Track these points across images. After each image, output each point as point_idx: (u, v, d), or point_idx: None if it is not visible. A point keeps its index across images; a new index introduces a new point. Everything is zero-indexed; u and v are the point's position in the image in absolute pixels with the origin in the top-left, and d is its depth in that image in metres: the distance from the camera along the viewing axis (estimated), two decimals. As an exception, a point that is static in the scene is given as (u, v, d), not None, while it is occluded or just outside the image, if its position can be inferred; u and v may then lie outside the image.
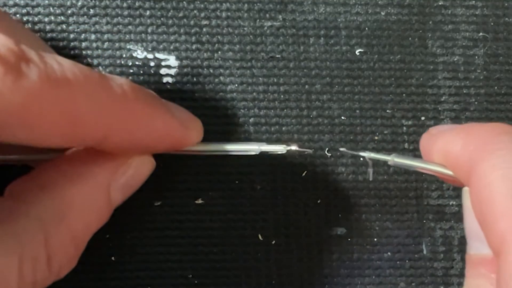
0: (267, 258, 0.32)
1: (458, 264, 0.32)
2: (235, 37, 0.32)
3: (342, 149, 0.31)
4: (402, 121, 0.32)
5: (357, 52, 0.32)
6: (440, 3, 0.33)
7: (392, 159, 0.27)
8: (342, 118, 0.32)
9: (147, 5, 0.31)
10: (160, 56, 0.31)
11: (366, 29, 0.32)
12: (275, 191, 0.32)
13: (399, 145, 0.32)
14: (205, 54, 0.32)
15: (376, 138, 0.32)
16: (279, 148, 0.29)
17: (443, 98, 0.32)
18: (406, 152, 0.32)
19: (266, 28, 0.32)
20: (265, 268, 0.32)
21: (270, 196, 0.32)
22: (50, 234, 0.24)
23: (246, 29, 0.32)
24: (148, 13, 0.31)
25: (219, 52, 0.32)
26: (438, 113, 0.32)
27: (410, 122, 0.32)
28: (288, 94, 0.32)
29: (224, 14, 0.32)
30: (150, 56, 0.31)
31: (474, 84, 0.32)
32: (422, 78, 0.32)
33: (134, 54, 0.31)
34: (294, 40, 0.32)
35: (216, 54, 0.32)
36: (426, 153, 0.28)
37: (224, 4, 0.32)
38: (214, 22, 0.32)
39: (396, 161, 0.27)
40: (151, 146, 0.27)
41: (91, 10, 0.31)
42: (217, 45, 0.32)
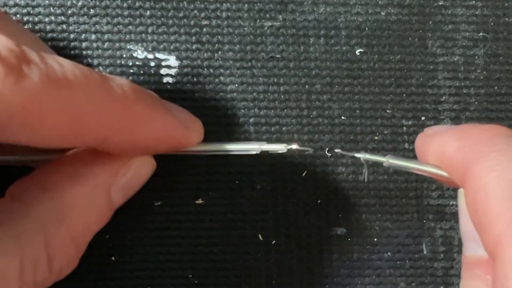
0: (267, 258, 0.32)
1: (458, 264, 0.32)
2: (235, 37, 0.32)
3: (338, 150, 0.31)
4: (402, 121, 0.32)
5: (357, 52, 0.32)
6: (440, 3, 0.33)
7: (387, 160, 0.27)
8: (342, 118, 0.32)
9: (147, 5, 0.31)
10: (160, 56, 0.31)
11: (366, 29, 0.32)
12: (275, 191, 0.32)
13: (399, 145, 0.32)
14: (205, 54, 0.32)
15: (376, 138, 0.32)
16: (280, 147, 0.29)
17: (443, 98, 0.32)
18: (406, 152, 0.32)
19: (266, 28, 0.32)
20: (265, 268, 0.32)
21: (270, 196, 0.32)
22: (50, 235, 0.24)
23: (246, 29, 0.32)
24: (148, 13, 0.31)
25: (219, 52, 0.32)
26: (438, 113, 0.32)
27: (410, 122, 0.32)
28: (288, 94, 0.32)
29: (224, 14, 0.32)
30: (151, 56, 0.31)
31: (474, 84, 0.32)
32: (422, 78, 0.32)
33: (135, 54, 0.31)
34: (294, 40, 0.32)
35: (216, 54, 0.32)
36: (421, 154, 0.28)
37: (224, 4, 0.32)
38: (214, 22, 0.32)
39: (391, 162, 0.27)
40: (152, 146, 0.27)
41: (92, 10, 0.31)
42: (217, 45, 0.32)
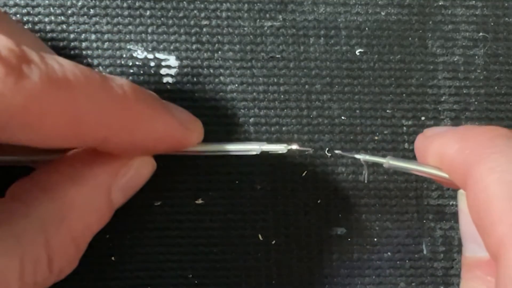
0: (267, 258, 0.32)
1: (458, 264, 0.32)
2: (235, 37, 0.32)
3: (338, 151, 0.31)
4: (402, 121, 0.32)
5: (357, 52, 0.32)
6: (440, 3, 0.33)
7: (387, 162, 0.27)
8: (342, 118, 0.32)
9: (147, 5, 0.31)
10: (160, 56, 0.31)
11: (366, 29, 0.32)
12: (275, 191, 0.32)
13: (399, 145, 0.32)
14: (205, 54, 0.32)
15: (376, 138, 0.32)
16: (280, 147, 0.29)
17: (443, 98, 0.32)
18: (406, 152, 0.32)
19: (266, 28, 0.32)
20: (265, 268, 0.32)
21: (270, 196, 0.32)
22: (50, 235, 0.24)
23: (246, 29, 0.32)
24: (148, 13, 0.31)
25: (219, 52, 0.32)
26: (438, 113, 0.32)
27: (410, 122, 0.32)
28: (288, 94, 0.32)
29: (224, 14, 0.32)
30: (150, 56, 0.31)
31: (474, 84, 0.32)
32: (422, 78, 0.32)
33: (134, 54, 0.31)
34: (294, 40, 0.32)
35: (216, 54, 0.32)
36: (421, 155, 0.28)
37: (224, 4, 0.32)
38: (214, 22, 0.32)
39: (391, 163, 0.27)
40: (152, 147, 0.27)
41: (91, 10, 0.31)
42: (217, 45, 0.32)
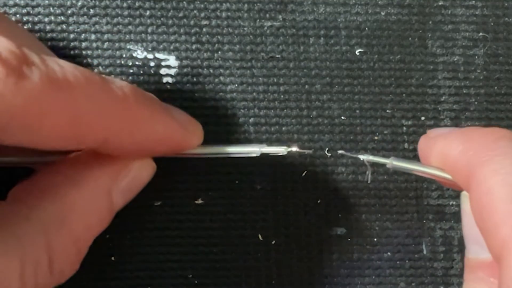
0: (267, 258, 0.32)
1: (458, 264, 0.32)
2: (235, 37, 0.32)
3: (341, 151, 0.31)
4: (402, 121, 0.32)
5: (357, 52, 0.32)
6: (440, 3, 0.32)
7: (390, 162, 0.27)
8: (342, 118, 0.32)
9: (147, 5, 0.31)
10: (160, 56, 0.31)
11: (366, 29, 0.32)
12: (275, 191, 0.32)
13: (399, 145, 0.32)
14: (205, 54, 0.32)
15: (376, 138, 0.32)
16: (280, 149, 0.29)
17: (443, 98, 0.32)
18: (406, 152, 0.32)
19: (266, 28, 0.32)
20: (265, 268, 0.32)
21: (270, 196, 0.32)
22: (51, 237, 0.24)
23: (246, 29, 0.32)
24: (148, 13, 0.31)
25: (219, 52, 0.32)
26: (438, 113, 0.32)
27: (410, 122, 0.32)
28: (288, 94, 0.32)
29: (224, 14, 0.32)
30: (150, 56, 0.31)
31: (474, 84, 0.32)
32: (422, 78, 0.32)
33: (134, 54, 0.31)
34: (294, 40, 0.32)
35: (216, 54, 0.32)
36: (424, 156, 0.28)
37: (224, 4, 0.32)
38: (214, 22, 0.32)
39: (394, 164, 0.27)
40: (152, 148, 0.27)
41: (91, 10, 0.31)
42: (217, 45, 0.32)
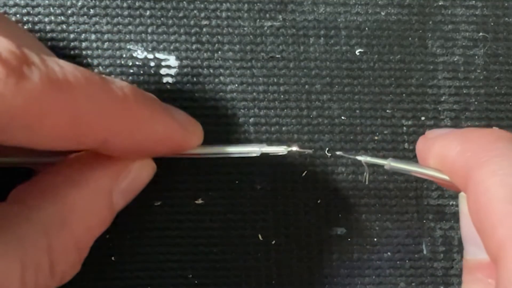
0: (267, 258, 0.32)
1: (458, 264, 0.32)
2: (235, 37, 0.32)
3: (339, 152, 0.31)
4: (402, 121, 0.32)
5: (357, 52, 0.32)
6: (440, 3, 0.32)
7: (388, 163, 0.27)
8: (342, 118, 0.32)
9: (147, 5, 0.31)
10: (160, 56, 0.31)
11: (366, 29, 0.32)
12: (275, 191, 0.32)
13: (399, 145, 0.32)
14: (205, 54, 0.32)
15: (376, 138, 0.32)
16: (280, 149, 0.29)
17: (443, 98, 0.32)
18: (406, 152, 0.32)
19: (266, 28, 0.32)
20: (265, 268, 0.32)
21: (270, 196, 0.32)
22: (52, 238, 0.24)
23: (246, 29, 0.32)
24: (148, 13, 0.31)
25: (219, 52, 0.32)
26: (438, 113, 0.32)
27: (410, 122, 0.32)
28: (288, 94, 0.32)
29: (224, 14, 0.32)
30: (150, 56, 0.31)
31: (474, 84, 0.32)
32: (422, 78, 0.32)
33: (134, 54, 0.31)
34: (294, 40, 0.32)
35: (216, 54, 0.32)
36: (422, 157, 0.28)
37: (224, 4, 0.32)
38: (214, 22, 0.32)
39: (392, 165, 0.27)
40: (152, 149, 0.26)
41: (91, 10, 0.31)
42: (217, 45, 0.32)
